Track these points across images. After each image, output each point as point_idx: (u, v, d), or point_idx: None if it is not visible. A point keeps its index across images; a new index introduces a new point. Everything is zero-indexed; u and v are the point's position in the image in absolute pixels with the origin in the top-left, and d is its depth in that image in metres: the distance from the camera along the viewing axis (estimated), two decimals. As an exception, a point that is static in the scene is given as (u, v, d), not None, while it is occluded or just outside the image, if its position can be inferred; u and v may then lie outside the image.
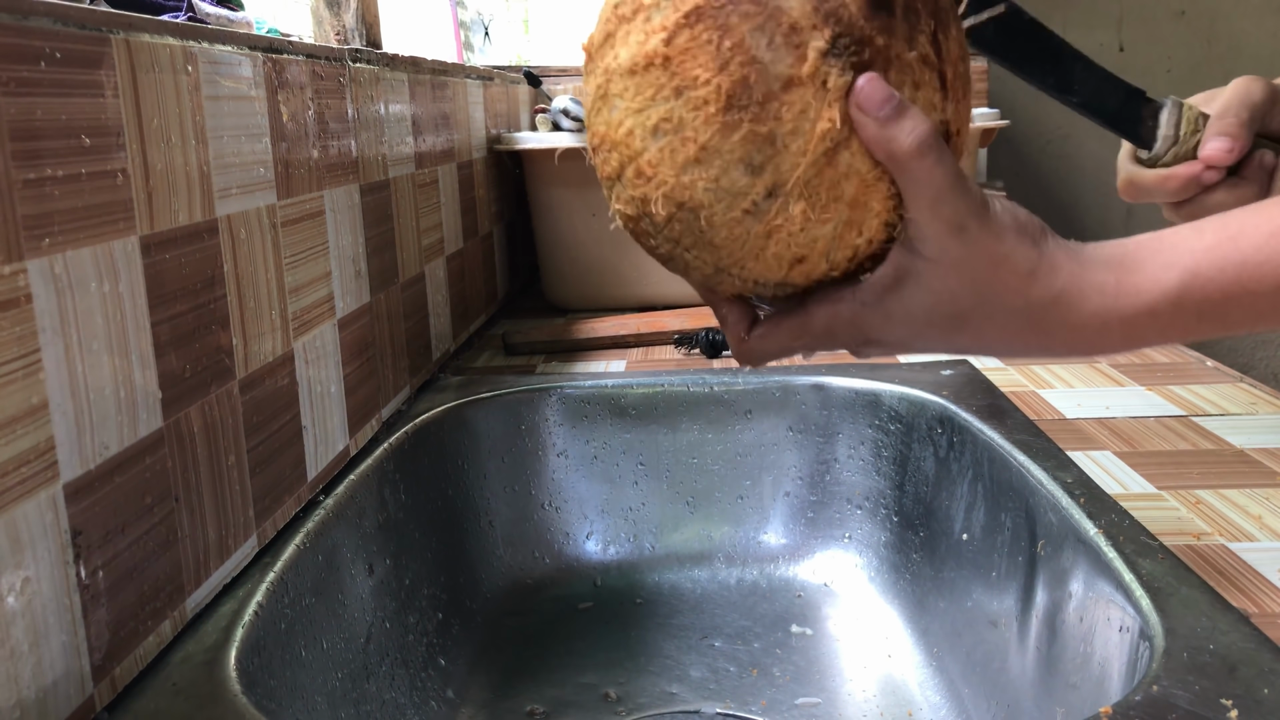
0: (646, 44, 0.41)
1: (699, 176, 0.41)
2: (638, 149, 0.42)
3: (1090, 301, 0.42)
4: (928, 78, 0.42)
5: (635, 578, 0.93)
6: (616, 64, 0.42)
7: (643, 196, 0.43)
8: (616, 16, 0.43)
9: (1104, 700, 0.54)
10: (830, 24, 0.40)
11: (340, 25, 0.85)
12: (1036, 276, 0.42)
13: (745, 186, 0.41)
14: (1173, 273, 0.41)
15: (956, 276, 0.42)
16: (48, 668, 0.42)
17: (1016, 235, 0.42)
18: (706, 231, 0.43)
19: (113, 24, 0.47)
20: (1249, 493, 0.67)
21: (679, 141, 0.41)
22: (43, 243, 0.42)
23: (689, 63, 0.40)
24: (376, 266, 0.82)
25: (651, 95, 0.41)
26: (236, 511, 0.58)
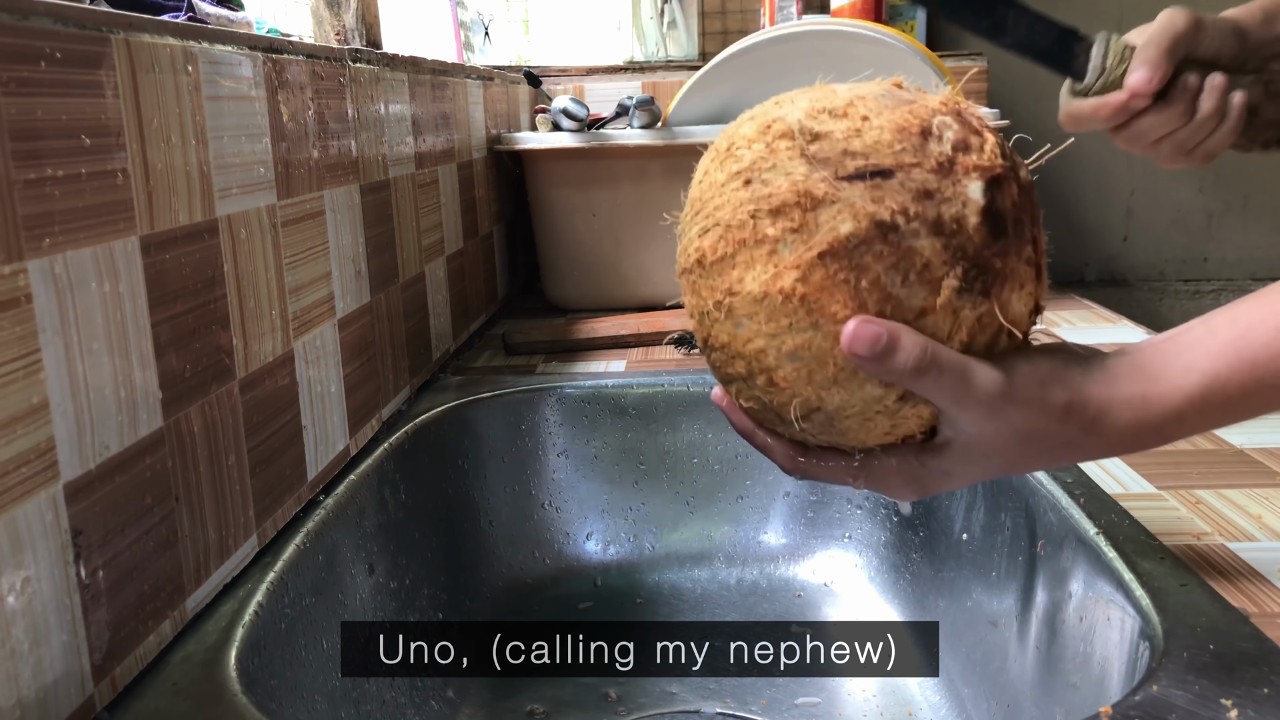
0: (780, 279, 0.42)
1: (834, 392, 0.44)
2: (771, 365, 0.44)
3: (1123, 417, 0.45)
4: (1029, 274, 0.45)
5: (635, 578, 0.93)
6: (743, 289, 0.44)
7: (776, 403, 0.45)
8: (733, 239, 0.44)
9: (1104, 700, 0.54)
10: (960, 260, 0.42)
11: (340, 25, 0.85)
12: (1071, 415, 0.45)
13: (879, 396, 0.44)
14: (1193, 376, 0.45)
15: (1000, 440, 0.46)
16: (48, 667, 0.42)
17: (1043, 389, 0.45)
18: (835, 424, 0.45)
19: (113, 24, 0.47)
20: (1249, 492, 0.67)
21: (817, 365, 0.43)
22: (43, 243, 0.42)
23: (825, 299, 0.42)
24: (376, 266, 0.82)
25: (787, 325, 0.43)
26: (237, 511, 0.58)
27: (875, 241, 0.41)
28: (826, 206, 0.42)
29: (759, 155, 0.44)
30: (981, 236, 0.42)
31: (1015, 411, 0.45)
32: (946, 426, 0.46)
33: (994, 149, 0.43)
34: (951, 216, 0.42)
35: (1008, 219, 0.43)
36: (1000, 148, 0.44)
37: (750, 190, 0.44)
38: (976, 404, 0.44)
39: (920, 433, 0.46)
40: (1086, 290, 1.53)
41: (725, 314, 0.45)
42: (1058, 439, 0.46)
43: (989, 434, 0.45)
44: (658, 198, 1.25)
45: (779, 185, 0.43)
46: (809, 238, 0.42)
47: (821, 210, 0.42)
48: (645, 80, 1.57)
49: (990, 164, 0.43)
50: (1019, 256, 0.44)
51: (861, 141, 0.42)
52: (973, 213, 0.42)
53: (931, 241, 0.42)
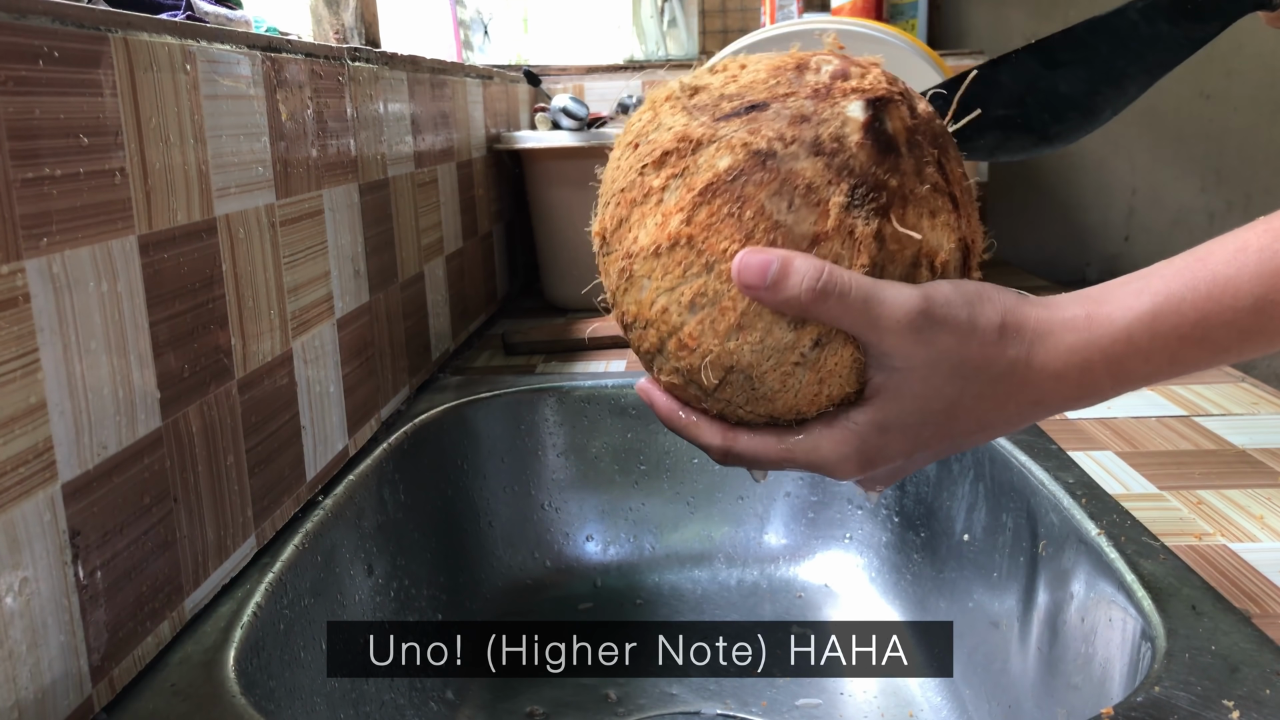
0: (667, 225, 0.42)
1: (744, 341, 0.42)
2: (675, 324, 0.43)
3: (1066, 340, 0.41)
4: (941, 203, 0.43)
5: (635, 578, 0.92)
6: (637, 247, 0.43)
7: (689, 366, 0.43)
8: (626, 201, 0.44)
9: (1105, 701, 0.53)
10: (845, 177, 0.41)
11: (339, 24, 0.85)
12: (1006, 334, 0.41)
13: (790, 341, 0.42)
14: (1144, 297, 0.41)
15: (933, 373, 0.41)
16: (46, 668, 0.42)
17: (971, 308, 0.41)
18: (757, 387, 0.43)
19: (111, 23, 0.47)
20: (1251, 493, 0.67)
21: (717, 312, 0.42)
22: (41, 242, 0.41)
23: (713, 237, 0.41)
24: (375, 266, 0.82)
25: (681, 273, 0.42)
26: (235, 512, 0.58)
27: (754, 170, 0.41)
28: (705, 147, 0.42)
29: (645, 121, 0.45)
30: (867, 153, 0.41)
31: (943, 334, 0.40)
32: (872, 367, 0.42)
33: (879, 76, 0.42)
34: (830, 135, 0.41)
35: (898, 138, 0.42)
36: (888, 78, 0.43)
37: (637, 152, 0.44)
38: (895, 325, 0.40)
39: (854, 392, 0.44)
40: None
41: (628, 282, 0.44)
42: (996, 368, 0.41)
43: (919, 365, 0.41)
44: (658, 197, 1.25)
45: (661, 138, 0.43)
46: (691, 178, 0.42)
47: (701, 152, 0.42)
48: (645, 79, 1.57)
49: (872, 87, 0.42)
50: (918, 178, 0.42)
51: (737, 85, 0.43)
52: (853, 130, 0.41)
53: (812, 162, 0.40)
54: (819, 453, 0.43)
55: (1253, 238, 0.40)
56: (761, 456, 0.45)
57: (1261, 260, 0.39)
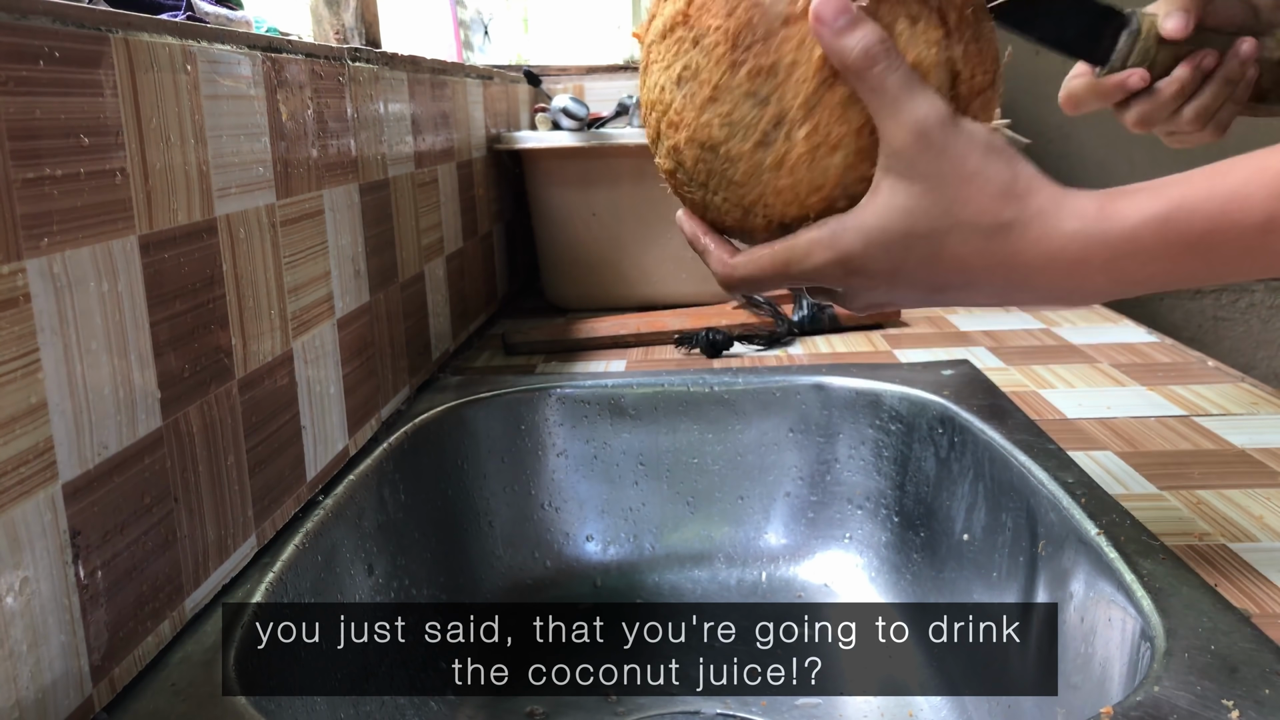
0: (675, 6, 0.45)
1: (714, 114, 0.44)
2: (668, 101, 0.46)
3: (1068, 224, 0.41)
4: (925, 14, 0.43)
5: (635, 578, 0.92)
6: (654, 34, 0.46)
7: (673, 145, 0.46)
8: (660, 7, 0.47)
9: (1105, 701, 0.53)
10: None
11: (339, 24, 0.85)
12: (1011, 195, 0.41)
13: (754, 118, 0.43)
14: (1158, 200, 0.41)
15: (927, 192, 0.41)
16: (46, 668, 0.42)
17: (987, 151, 0.41)
18: (727, 169, 0.45)
19: (111, 23, 0.47)
20: (1250, 493, 0.67)
21: (696, 86, 0.44)
22: (41, 242, 0.42)
23: (704, 15, 0.44)
24: (376, 266, 0.82)
25: (676, 52, 0.45)
26: (235, 511, 0.58)
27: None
28: None
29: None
30: None
31: (949, 157, 0.41)
32: (880, 169, 0.42)
33: None
34: None
35: None
36: None
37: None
38: (913, 123, 0.41)
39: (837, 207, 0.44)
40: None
41: (644, 72, 0.47)
42: (989, 217, 0.41)
43: (917, 179, 0.41)
44: (658, 198, 1.25)
45: None
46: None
47: None
48: (645, 80, 1.57)
49: None
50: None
51: None
52: None
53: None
54: (810, 259, 0.44)
55: (1274, 161, 0.40)
56: (758, 273, 0.46)
57: (1277, 180, 0.39)
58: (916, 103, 0.41)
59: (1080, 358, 1.00)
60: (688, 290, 1.25)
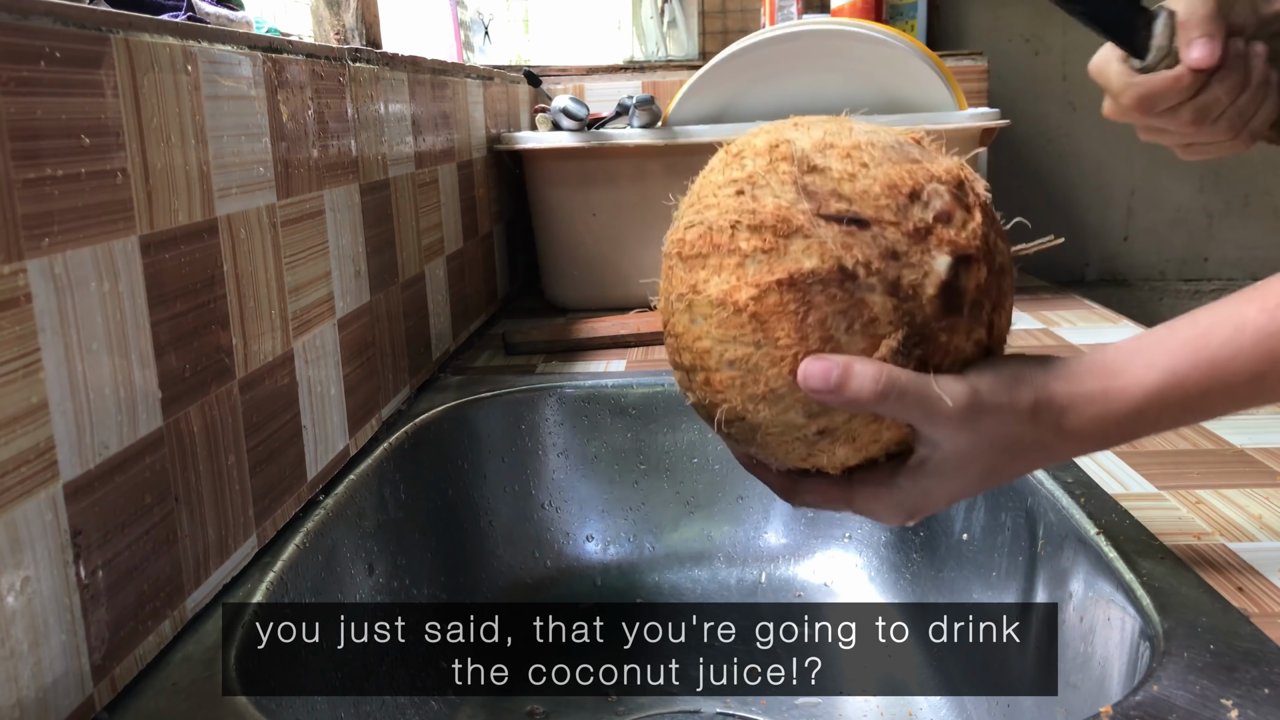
0: (738, 292, 0.45)
1: (763, 409, 0.46)
2: (712, 366, 0.46)
3: (1087, 413, 0.47)
4: (975, 356, 0.47)
5: (635, 578, 0.93)
6: (706, 290, 0.46)
7: (709, 402, 0.48)
8: (711, 242, 0.46)
9: (1104, 700, 0.54)
10: (905, 324, 0.44)
11: (340, 25, 0.85)
12: (1038, 414, 0.46)
13: (802, 426, 0.46)
14: (1153, 373, 0.46)
15: (976, 450, 0.47)
16: (47, 667, 0.42)
17: (1010, 392, 0.46)
18: (759, 439, 0.48)
19: (112, 23, 0.47)
20: (1249, 492, 0.67)
21: (750, 379, 0.45)
22: (42, 242, 0.42)
23: (772, 323, 0.44)
24: (376, 266, 0.82)
25: (734, 335, 0.45)
26: (236, 511, 0.58)
27: (832, 284, 0.43)
28: (799, 238, 0.44)
29: (759, 169, 0.46)
30: (934, 309, 0.44)
31: (988, 419, 0.46)
32: (922, 445, 0.47)
33: (976, 229, 0.45)
34: (910, 282, 0.44)
35: (965, 299, 0.45)
36: (983, 230, 0.46)
37: (739, 201, 0.46)
38: (949, 418, 0.45)
39: (882, 456, 0.49)
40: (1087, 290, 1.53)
41: (686, 307, 0.47)
42: (1028, 441, 0.47)
43: (964, 446, 0.47)
44: (658, 197, 1.24)
45: (765, 204, 0.45)
46: (775, 262, 0.44)
47: (794, 240, 0.44)
48: (645, 80, 1.57)
49: (966, 243, 0.45)
50: (967, 337, 0.46)
51: (852, 187, 0.45)
52: (932, 284, 0.44)
53: (884, 300, 0.44)
54: (872, 505, 0.50)
55: (1250, 316, 0.45)
56: (823, 503, 0.52)
57: (1257, 341, 0.45)
58: (939, 403, 0.45)
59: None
60: (688, 290, 1.25)
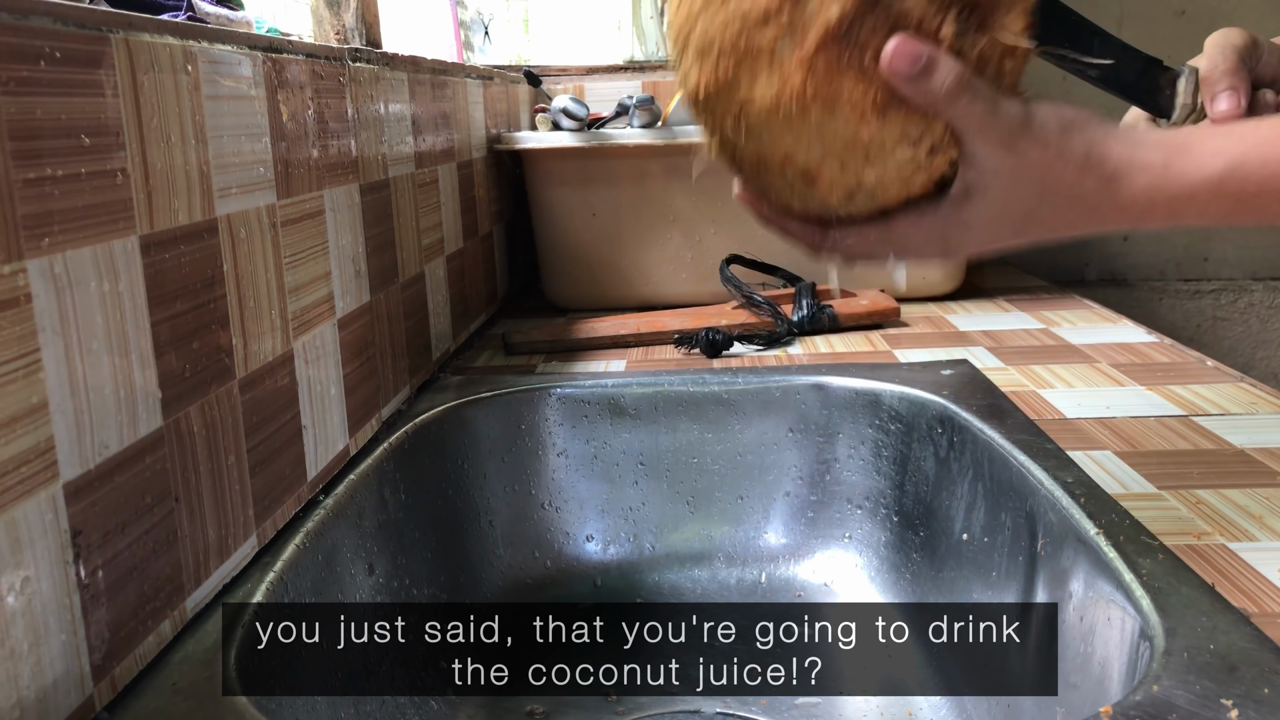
0: (789, 82, 0.44)
1: (871, 170, 0.46)
2: (803, 163, 0.46)
3: (1138, 181, 0.46)
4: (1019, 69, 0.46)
5: (635, 578, 0.93)
6: (755, 104, 0.45)
7: (818, 197, 0.47)
8: (731, 61, 0.44)
9: (1104, 700, 0.54)
10: (949, 6, 0.43)
11: (340, 25, 0.85)
12: (1089, 166, 0.46)
13: (913, 156, 0.46)
14: (1219, 159, 0.45)
15: (1018, 183, 0.47)
16: (47, 667, 0.42)
17: (1063, 134, 0.46)
18: (879, 196, 0.47)
19: (112, 23, 0.47)
20: (1249, 492, 0.67)
21: (847, 151, 0.46)
22: (42, 242, 0.42)
23: (836, 85, 0.43)
24: (376, 266, 0.82)
25: (807, 123, 0.44)
26: (236, 511, 0.58)
27: (865, 16, 0.42)
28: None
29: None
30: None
31: (1034, 150, 0.46)
32: (966, 165, 0.47)
33: None
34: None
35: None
36: None
37: (730, 6, 0.44)
38: (999, 134, 0.45)
39: (935, 183, 0.48)
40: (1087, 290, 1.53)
41: (745, 133, 0.46)
42: (1072, 189, 0.46)
43: (1006, 172, 0.46)
44: (658, 197, 1.25)
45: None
46: (803, 34, 0.43)
47: (806, 3, 0.42)
48: (645, 80, 1.57)
49: None
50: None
51: None
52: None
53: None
54: (911, 240, 0.50)
55: None
56: (856, 247, 0.51)
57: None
58: (1000, 115, 0.45)
59: (1079, 357, 1.00)
60: (688, 290, 1.25)
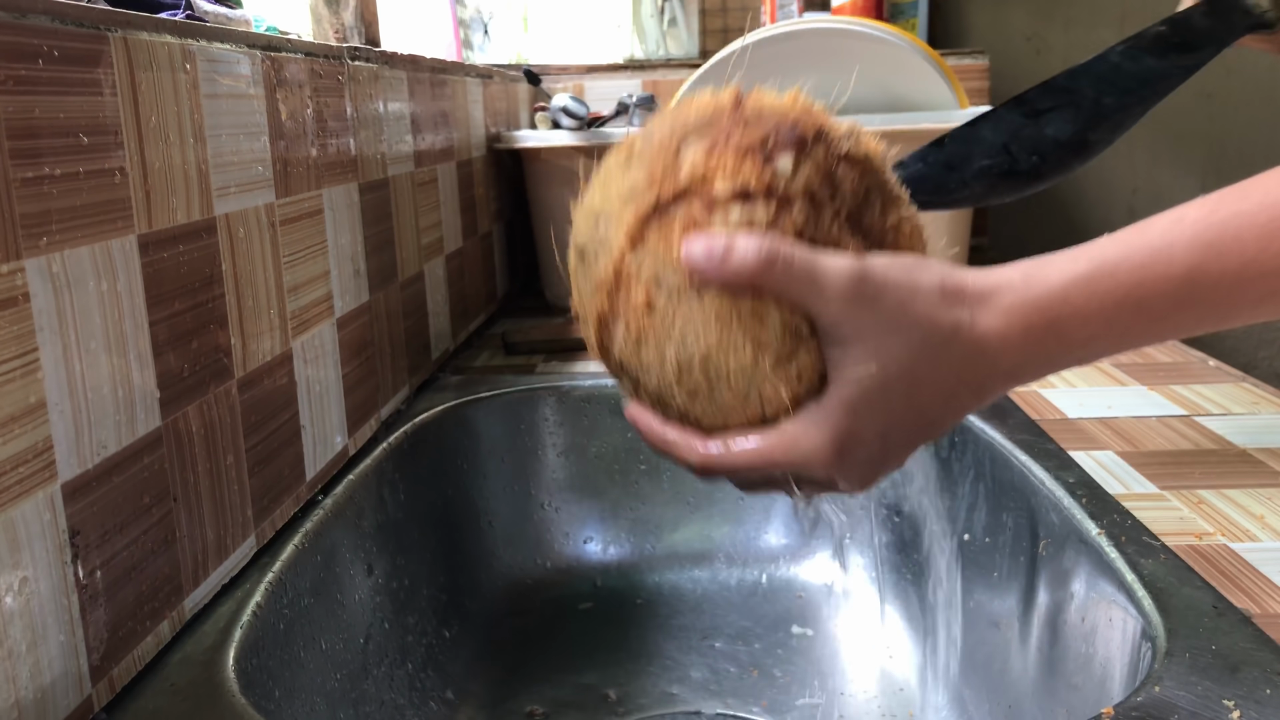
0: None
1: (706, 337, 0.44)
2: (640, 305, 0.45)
3: (1003, 299, 0.42)
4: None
5: (635, 578, 0.92)
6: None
7: (644, 354, 0.46)
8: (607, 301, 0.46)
9: (1106, 701, 0.53)
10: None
11: (339, 23, 0.85)
12: (946, 294, 0.42)
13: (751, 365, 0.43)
14: (1080, 262, 0.42)
15: (883, 337, 0.42)
16: (46, 668, 0.42)
17: (908, 272, 0.42)
18: (718, 394, 0.44)
19: (111, 22, 0.47)
20: (1251, 493, 0.67)
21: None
22: (40, 241, 0.41)
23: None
24: (375, 265, 0.82)
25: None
26: (235, 511, 0.58)
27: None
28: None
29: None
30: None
31: (885, 297, 0.41)
32: (825, 343, 0.42)
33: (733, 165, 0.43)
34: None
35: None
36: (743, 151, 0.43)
37: (587, 278, 0.47)
38: (839, 290, 0.41)
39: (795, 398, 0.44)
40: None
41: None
42: (944, 330, 0.42)
43: (866, 332, 0.42)
44: (658, 197, 1.25)
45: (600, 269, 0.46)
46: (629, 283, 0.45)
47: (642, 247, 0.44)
48: (646, 78, 1.57)
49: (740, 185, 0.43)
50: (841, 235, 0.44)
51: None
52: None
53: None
54: (796, 446, 0.43)
55: (1190, 211, 0.41)
56: (740, 463, 0.45)
57: (1196, 232, 0.40)
58: (829, 274, 0.41)
59: (1081, 357, 1.00)
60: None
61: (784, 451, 0.44)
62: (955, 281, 0.42)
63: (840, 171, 0.44)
